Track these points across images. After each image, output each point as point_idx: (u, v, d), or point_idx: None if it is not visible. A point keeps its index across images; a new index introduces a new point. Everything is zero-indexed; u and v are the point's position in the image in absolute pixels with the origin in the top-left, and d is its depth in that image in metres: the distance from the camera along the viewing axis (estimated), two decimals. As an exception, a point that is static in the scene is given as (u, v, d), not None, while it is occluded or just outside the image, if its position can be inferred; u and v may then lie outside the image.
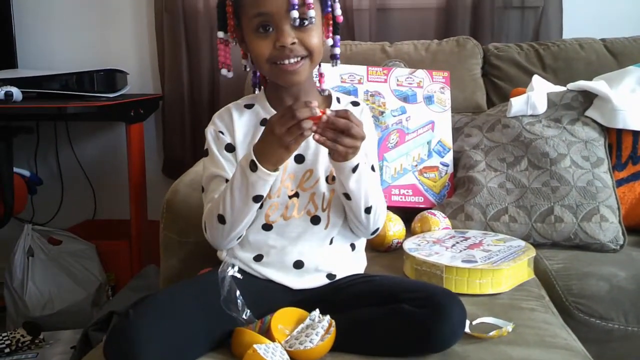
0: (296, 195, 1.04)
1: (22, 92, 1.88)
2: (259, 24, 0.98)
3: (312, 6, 0.97)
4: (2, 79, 1.92)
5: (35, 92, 1.95)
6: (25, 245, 1.95)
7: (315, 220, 1.05)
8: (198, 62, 2.16)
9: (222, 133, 1.07)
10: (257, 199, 0.96)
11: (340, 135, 0.91)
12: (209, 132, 1.08)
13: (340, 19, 1.05)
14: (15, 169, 2.00)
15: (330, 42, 1.06)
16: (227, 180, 1.02)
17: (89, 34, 2.27)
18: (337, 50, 1.07)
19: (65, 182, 2.34)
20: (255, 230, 1.04)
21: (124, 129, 2.03)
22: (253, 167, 0.93)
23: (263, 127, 1.01)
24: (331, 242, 1.07)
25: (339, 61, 1.09)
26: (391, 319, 0.92)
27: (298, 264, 1.04)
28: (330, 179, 1.05)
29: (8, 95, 1.83)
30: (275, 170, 0.94)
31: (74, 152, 2.31)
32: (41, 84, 1.95)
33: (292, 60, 0.99)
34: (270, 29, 0.98)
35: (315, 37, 1.00)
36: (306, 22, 0.98)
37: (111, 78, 2.02)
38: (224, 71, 1.07)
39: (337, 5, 1.04)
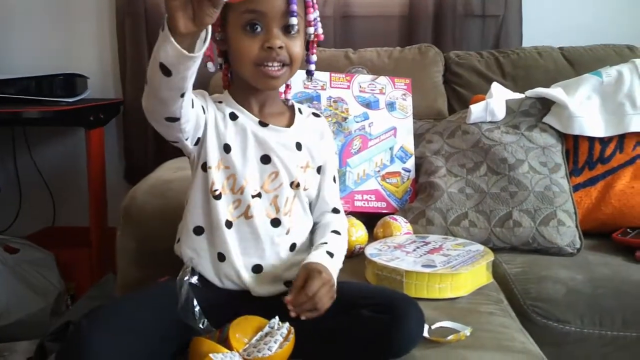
0: (259, 195, 1.03)
1: (-23, 96, 1.83)
2: (247, 22, 0.97)
3: (301, 19, 1.00)
4: (-44, 82, 1.87)
5: (-9, 97, 1.90)
6: (-19, 253, 1.90)
7: (275, 223, 1.04)
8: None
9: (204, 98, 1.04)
10: (163, 68, 0.81)
11: (313, 302, 0.91)
12: None
13: (322, 37, 1.07)
14: (-29, 176, 1.95)
15: (314, 58, 1.09)
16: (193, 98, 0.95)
17: (48, 37, 2.22)
18: (313, 67, 1.10)
19: (23, 189, 2.29)
20: (218, 225, 1.02)
21: (83, 134, 1.99)
22: (163, 26, 0.79)
23: (232, 122, 1.03)
24: (292, 249, 1.07)
25: (314, 76, 1.14)
26: (350, 325, 0.92)
27: (257, 268, 1.03)
28: (294, 185, 1.06)
29: (-38, 99, 1.79)
30: (181, 35, 0.78)
31: (32, 158, 2.26)
32: (-3, 88, 1.90)
33: (276, 65, 0.99)
34: (259, 29, 0.97)
35: (299, 47, 1.01)
36: (293, 31, 0.99)
37: (71, 82, 1.98)
38: (209, 65, 1.04)
39: (320, 25, 1.06)
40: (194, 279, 1.00)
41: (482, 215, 1.46)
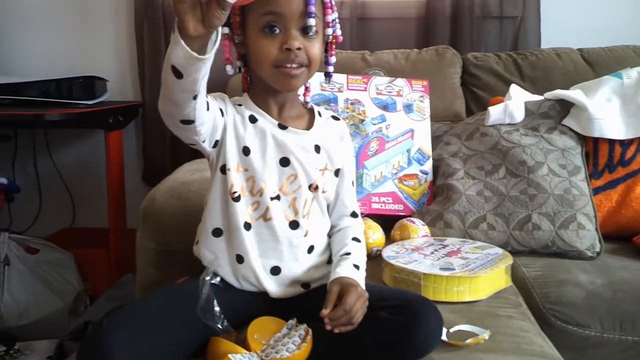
0: (277, 198, 1.03)
1: (-1, 99, 1.86)
2: (266, 23, 0.97)
3: (319, 20, 1.00)
4: (-22, 85, 1.90)
5: (13, 99, 1.92)
6: (2, 254, 1.92)
7: (294, 225, 1.04)
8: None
9: (223, 100, 1.04)
10: (175, 71, 0.82)
11: (349, 316, 0.91)
12: None
13: (341, 39, 1.06)
14: (-8, 177, 1.97)
15: (333, 59, 1.09)
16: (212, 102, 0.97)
17: (68, 41, 2.25)
18: (332, 69, 1.10)
19: (43, 190, 2.31)
20: (237, 227, 1.02)
21: (103, 136, 2.01)
22: (174, 27, 0.80)
23: (252, 124, 1.04)
24: (310, 251, 1.06)
25: (332, 79, 1.16)
26: (367, 327, 0.92)
27: (275, 270, 1.03)
28: (313, 188, 1.06)
29: (-16, 102, 1.81)
30: (191, 38, 0.78)
31: (52, 160, 2.28)
32: (19, 91, 1.92)
33: (294, 65, 0.98)
34: (277, 31, 0.97)
35: (318, 48, 1.01)
36: (312, 32, 0.99)
37: (90, 85, 2.00)
38: (228, 67, 1.03)
39: (338, 26, 1.05)
40: (216, 280, 1.01)
41: (500, 218, 1.45)
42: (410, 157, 1.66)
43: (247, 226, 1.02)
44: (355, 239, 1.09)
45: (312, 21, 0.97)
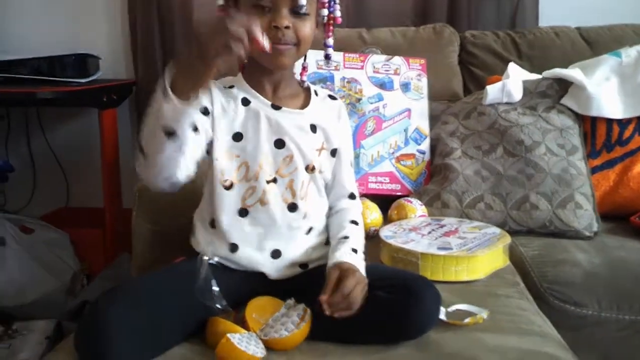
0: (274, 180, 1.02)
1: (-10, 77, 1.83)
2: (256, 1, 0.96)
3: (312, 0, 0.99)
4: (-31, 63, 1.87)
5: (4, 77, 1.90)
6: (-3, 234, 1.91)
7: (292, 207, 1.03)
8: (172, 46, 2.11)
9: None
10: (168, 133, 0.86)
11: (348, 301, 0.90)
12: None
13: (340, 20, 1.05)
14: (-15, 157, 1.96)
15: (330, 41, 1.08)
16: (192, 124, 0.93)
17: (60, 18, 2.21)
18: (331, 51, 1.09)
19: (37, 170, 2.30)
20: (231, 215, 1.01)
21: (96, 115, 1.99)
22: (164, 91, 0.83)
23: (245, 107, 1.01)
24: (308, 232, 1.06)
25: (331, 59, 1.16)
26: (366, 307, 0.92)
27: (275, 254, 1.03)
28: (309, 169, 1.04)
29: (-25, 80, 1.79)
30: (187, 99, 0.84)
31: (46, 139, 2.26)
32: (10, 69, 1.89)
33: (282, 44, 0.97)
34: (267, 9, 0.96)
35: (309, 27, 0.99)
36: (302, 11, 0.97)
37: (83, 63, 1.97)
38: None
39: (338, 7, 1.04)
40: (214, 260, 1.00)
41: (498, 198, 1.45)
42: (407, 136, 1.65)
43: (244, 212, 1.01)
44: (353, 222, 1.08)
45: (302, 0, 0.96)
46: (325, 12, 1.01)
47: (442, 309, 0.96)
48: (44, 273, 1.93)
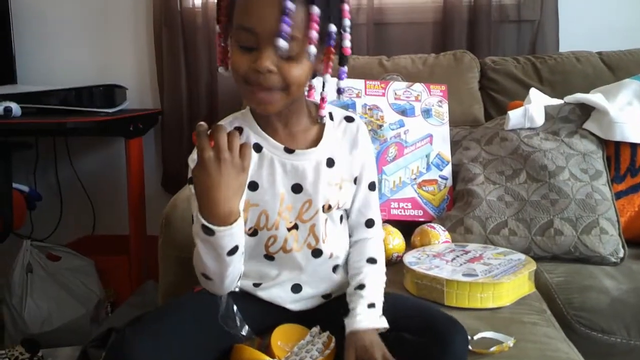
0: (295, 227, 0.99)
1: (21, 107, 1.88)
2: (240, 38, 0.87)
3: (304, 39, 0.86)
4: (1, 94, 1.92)
5: (35, 108, 1.95)
6: (24, 261, 1.94)
7: (317, 253, 1.00)
8: (197, 76, 2.16)
9: None
10: (232, 251, 0.88)
11: None
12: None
13: (349, 51, 0.94)
14: (15, 185, 2.00)
15: (344, 75, 0.97)
16: None
17: (88, 50, 2.28)
18: (343, 84, 0.98)
19: (64, 198, 2.34)
20: (257, 259, 1.01)
21: (123, 143, 2.03)
22: (207, 231, 0.85)
23: (257, 154, 0.97)
24: (335, 270, 1.04)
25: (343, 94, 1.05)
26: (391, 348, 0.90)
27: (296, 289, 1.02)
28: (326, 208, 1.00)
29: (7, 110, 1.84)
30: (231, 223, 0.86)
31: (73, 168, 2.31)
32: (40, 100, 1.95)
33: (262, 91, 0.88)
34: (252, 46, 0.87)
35: (298, 70, 0.88)
36: (286, 55, 0.86)
37: (110, 93, 2.02)
38: (221, 69, 0.95)
39: (348, 36, 0.93)
40: (237, 288, 1.00)
41: (522, 224, 1.44)
42: (429, 162, 1.66)
43: (270, 257, 1.01)
44: (371, 260, 1.03)
45: (282, 43, 0.83)
46: (313, 49, 0.86)
47: (468, 337, 0.96)
48: (70, 300, 1.96)
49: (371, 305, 0.96)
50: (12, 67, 2.18)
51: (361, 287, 0.98)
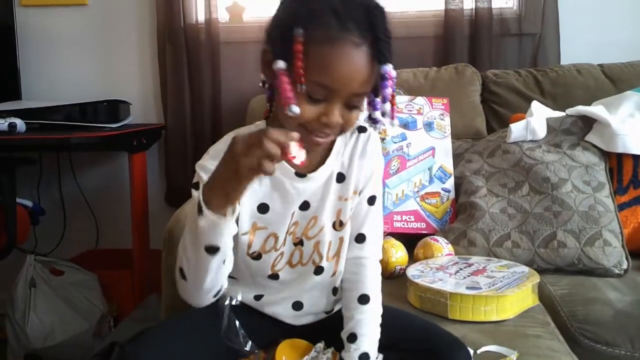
0: (300, 243, 0.98)
1: (25, 123, 1.89)
2: (313, 91, 0.82)
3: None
4: (6, 110, 1.94)
5: (39, 123, 1.96)
6: (28, 276, 1.94)
7: (318, 270, 0.99)
8: (200, 92, 2.18)
9: None
10: (210, 250, 0.81)
11: None
12: (207, 165, 0.90)
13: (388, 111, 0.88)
14: (18, 200, 2.00)
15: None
16: None
17: (92, 65, 2.29)
18: (378, 114, 0.90)
19: (67, 212, 2.34)
20: (260, 279, 1.00)
21: (126, 158, 2.04)
22: (199, 209, 0.78)
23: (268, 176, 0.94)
24: (335, 292, 1.03)
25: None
26: None
27: (297, 306, 1.02)
28: (337, 225, 0.99)
29: (12, 126, 1.84)
30: (224, 214, 0.78)
31: (76, 182, 2.32)
32: (45, 115, 1.96)
33: (321, 136, 0.87)
34: (321, 99, 0.83)
35: (357, 115, 0.88)
36: (358, 107, 0.86)
37: (114, 108, 2.03)
38: (294, 108, 0.82)
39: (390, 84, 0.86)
40: (235, 301, 1.00)
41: (525, 236, 1.44)
42: (431, 175, 1.66)
43: (274, 277, 0.99)
44: (363, 299, 0.97)
45: (360, 101, 0.85)
46: (384, 106, 0.86)
47: (471, 351, 0.95)
48: (73, 314, 1.95)
49: (364, 356, 0.93)
50: (17, 83, 2.19)
51: (353, 337, 0.94)
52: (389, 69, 0.84)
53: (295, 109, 0.82)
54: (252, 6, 2.22)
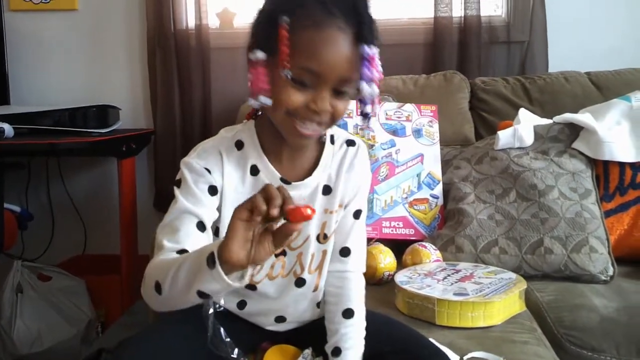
0: (283, 253, 0.96)
1: (14, 128, 1.88)
2: (299, 77, 0.82)
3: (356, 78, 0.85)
4: (-6, 115, 1.93)
5: (27, 128, 1.95)
6: (15, 281, 1.93)
7: (300, 282, 0.98)
8: (190, 97, 2.18)
9: (209, 171, 0.91)
10: (201, 295, 0.76)
11: None
12: (192, 163, 0.90)
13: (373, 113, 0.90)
14: (6, 205, 1.99)
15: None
16: (199, 223, 0.87)
17: (81, 70, 2.29)
18: (369, 108, 0.90)
19: (56, 218, 2.33)
20: (240, 289, 0.94)
21: (115, 163, 2.03)
22: (211, 262, 0.73)
23: (253, 177, 0.93)
24: (319, 306, 1.02)
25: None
26: None
27: (279, 319, 1.01)
28: (321, 238, 0.97)
29: (0, 131, 1.84)
30: (233, 277, 0.74)
31: (65, 188, 2.30)
32: (33, 120, 1.95)
33: (310, 126, 0.86)
34: (308, 84, 0.83)
35: (346, 105, 0.87)
36: (346, 93, 0.85)
37: (103, 114, 2.03)
38: (263, 99, 0.84)
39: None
40: (218, 306, 0.98)
41: (512, 242, 1.45)
42: (420, 181, 1.67)
43: (252, 287, 0.97)
44: (347, 313, 0.96)
45: (366, 88, 0.84)
46: (370, 88, 0.85)
47: (457, 357, 0.96)
48: (60, 320, 1.94)
49: None
50: (6, 88, 2.18)
51: (337, 351, 0.94)
52: (373, 51, 0.83)
53: (265, 100, 0.84)
54: (243, 12, 2.22)
